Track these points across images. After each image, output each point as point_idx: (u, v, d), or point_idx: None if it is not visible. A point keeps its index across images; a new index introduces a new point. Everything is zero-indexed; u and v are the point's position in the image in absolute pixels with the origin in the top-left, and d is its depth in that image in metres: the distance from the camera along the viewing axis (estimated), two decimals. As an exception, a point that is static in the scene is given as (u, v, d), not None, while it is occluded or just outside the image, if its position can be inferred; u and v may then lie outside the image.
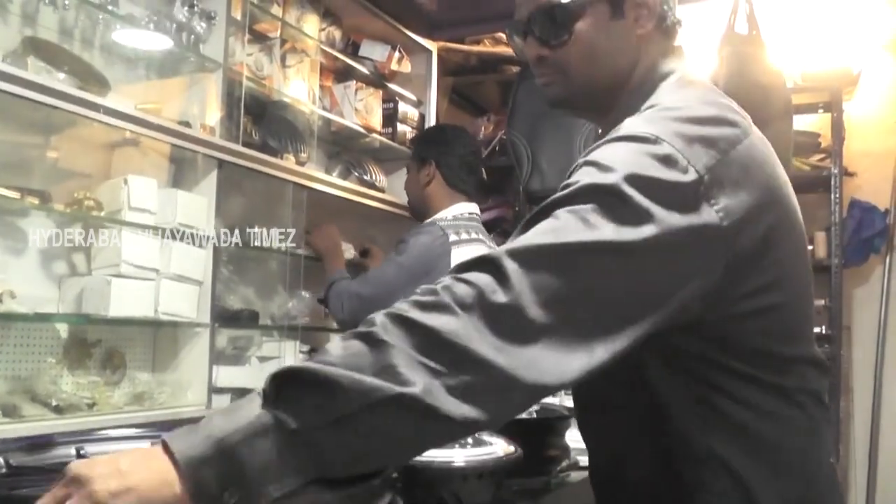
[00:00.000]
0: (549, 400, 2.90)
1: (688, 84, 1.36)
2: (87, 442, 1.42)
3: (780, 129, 2.94)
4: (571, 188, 1.10)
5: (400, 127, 3.94)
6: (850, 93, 4.55)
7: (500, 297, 0.99)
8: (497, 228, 4.70)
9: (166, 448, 0.92)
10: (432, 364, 0.96)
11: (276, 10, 3.30)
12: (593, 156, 1.15)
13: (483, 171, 3.53)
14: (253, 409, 0.94)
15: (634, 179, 1.08)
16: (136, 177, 2.68)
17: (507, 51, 4.63)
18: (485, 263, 1.02)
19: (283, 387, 0.95)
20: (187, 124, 2.82)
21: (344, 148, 3.91)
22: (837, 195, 4.27)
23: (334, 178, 3.61)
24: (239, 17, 3.03)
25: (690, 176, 1.12)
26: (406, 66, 3.99)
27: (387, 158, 4.01)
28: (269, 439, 0.92)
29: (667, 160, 1.12)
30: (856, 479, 4.44)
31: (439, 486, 1.27)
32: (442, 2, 3.82)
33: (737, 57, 3.14)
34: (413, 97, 4.08)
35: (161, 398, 2.75)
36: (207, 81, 2.96)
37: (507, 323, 0.98)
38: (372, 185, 3.79)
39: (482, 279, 1.00)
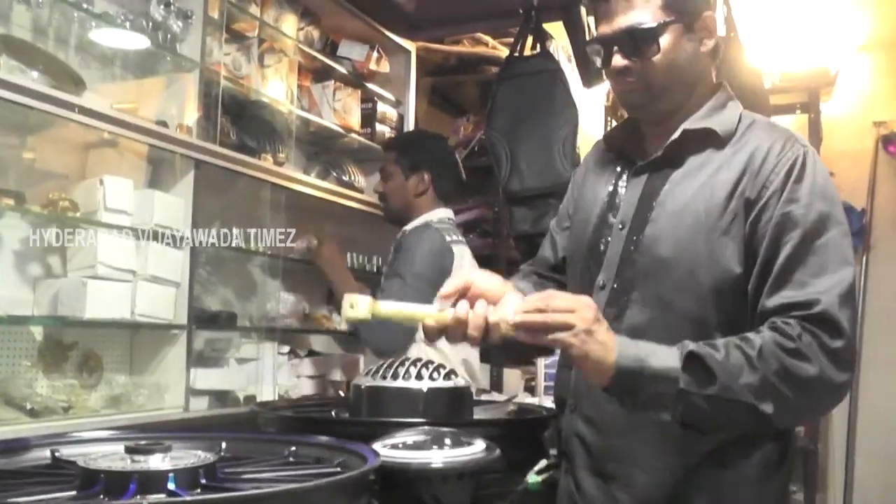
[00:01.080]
0: (529, 399, 2.90)
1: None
2: (63, 444, 1.40)
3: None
4: (814, 220, 1.53)
5: (379, 127, 3.93)
6: (828, 93, 4.58)
7: (838, 343, 1.45)
8: (477, 229, 4.69)
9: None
10: (785, 392, 1.43)
11: (254, 9, 3.27)
12: (802, 172, 1.57)
13: (462, 173, 3.55)
14: (673, 361, 1.44)
15: (837, 203, 1.58)
16: (112, 177, 2.65)
17: (486, 51, 4.63)
18: (824, 321, 1.45)
19: (694, 360, 1.44)
20: (164, 124, 2.80)
21: (322, 148, 3.90)
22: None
23: (313, 179, 3.59)
24: (216, 17, 3.01)
25: None
26: (385, 66, 3.97)
27: (365, 159, 3.99)
28: (667, 384, 1.43)
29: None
30: (833, 475, 4.47)
31: (418, 488, 1.26)
32: (421, 2, 3.81)
33: (715, 57, 3.14)
34: (392, 97, 4.06)
35: (138, 401, 2.72)
36: (184, 81, 2.94)
37: (842, 358, 1.46)
38: (351, 186, 3.77)
39: (823, 334, 1.44)
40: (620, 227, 1.68)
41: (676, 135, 1.66)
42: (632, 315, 1.61)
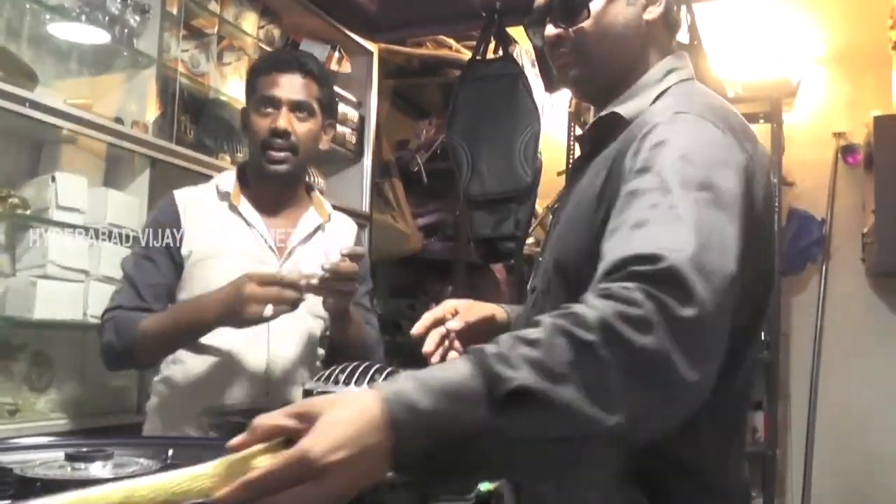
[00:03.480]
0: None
1: (697, 84, 1.49)
2: (4, 451, 1.36)
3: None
4: (658, 174, 1.20)
5: (339, 128, 3.89)
6: (790, 104, 4.61)
7: (689, 311, 1.03)
8: (437, 232, 4.67)
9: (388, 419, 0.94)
10: (641, 390, 1.01)
11: (214, 6, 3.23)
12: (664, 136, 1.26)
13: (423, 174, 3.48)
14: (477, 411, 0.95)
15: (716, 167, 1.21)
16: (65, 174, 2.60)
17: (449, 54, 4.61)
18: (670, 282, 1.05)
19: (510, 399, 0.96)
20: (120, 121, 2.75)
21: (282, 149, 3.85)
22: (777, 204, 4.30)
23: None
24: (174, 12, 2.96)
25: (745, 157, 1.27)
26: (346, 67, 3.94)
27: (325, 160, 3.95)
28: (483, 442, 0.95)
29: (732, 141, 1.27)
30: (791, 481, 4.50)
31: (363, 496, 1.23)
32: (383, 3, 3.79)
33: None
34: (353, 99, 4.03)
35: (89, 405, 2.67)
36: (142, 78, 2.89)
37: (694, 337, 1.04)
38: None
39: (668, 299, 1.03)
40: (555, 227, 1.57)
41: (589, 124, 1.53)
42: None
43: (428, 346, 1.49)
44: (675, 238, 1.10)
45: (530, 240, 4.49)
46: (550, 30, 1.51)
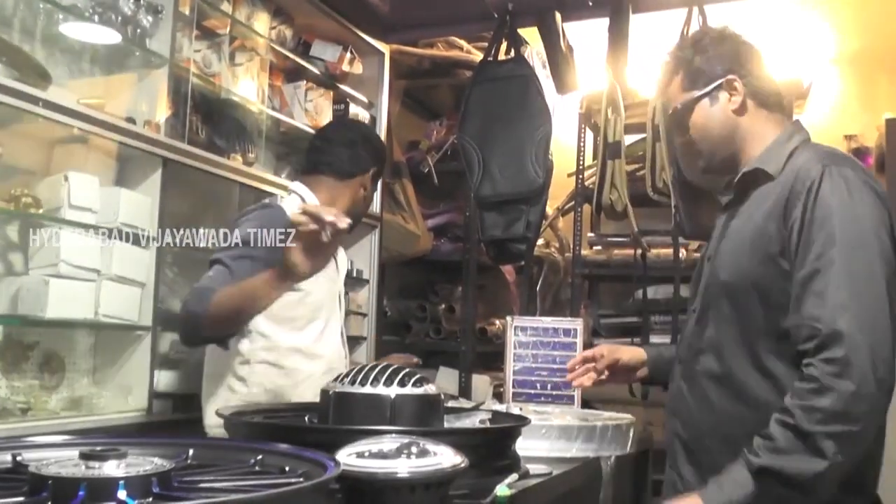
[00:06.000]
0: (497, 406, 2.87)
1: (816, 143, 1.97)
2: (26, 448, 1.35)
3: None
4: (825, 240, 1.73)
5: (351, 129, 3.89)
6: (801, 106, 4.59)
7: (838, 352, 1.71)
8: (447, 234, 4.66)
9: None
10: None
11: (226, 6, 3.23)
12: (825, 200, 1.75)
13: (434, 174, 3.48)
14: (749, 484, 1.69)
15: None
16: (77, 174, 2.60)
17: (460, 55, 4.61)
18: (827, 343, 1.68)
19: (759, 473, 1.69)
20: (132, 121, 2.75)
21: (293, 149, 3.85)
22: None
23: (282, 179, 3.54)
24: (187, 12, 2.96)
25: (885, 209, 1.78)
26: (358, 68, 3.94)
27: (336, 160, 3.94)
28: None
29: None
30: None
31: (385, 498, 1.23)
32: (395, 4, 3.79)
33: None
34: (364, 99, 4.03)
35: (100, 403, 2.67)
36: (154, 77, 2.89)
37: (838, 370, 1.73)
38: (321, 188, 3.73)
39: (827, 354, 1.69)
40: (708, 259, 2.02)
41: (736, 178, 1.98)
42: (710, 331, 1.93)
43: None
44: (830, 303, 1.68)
45: (540, 241, 4.49)
46: (675, 140, 2.15)
